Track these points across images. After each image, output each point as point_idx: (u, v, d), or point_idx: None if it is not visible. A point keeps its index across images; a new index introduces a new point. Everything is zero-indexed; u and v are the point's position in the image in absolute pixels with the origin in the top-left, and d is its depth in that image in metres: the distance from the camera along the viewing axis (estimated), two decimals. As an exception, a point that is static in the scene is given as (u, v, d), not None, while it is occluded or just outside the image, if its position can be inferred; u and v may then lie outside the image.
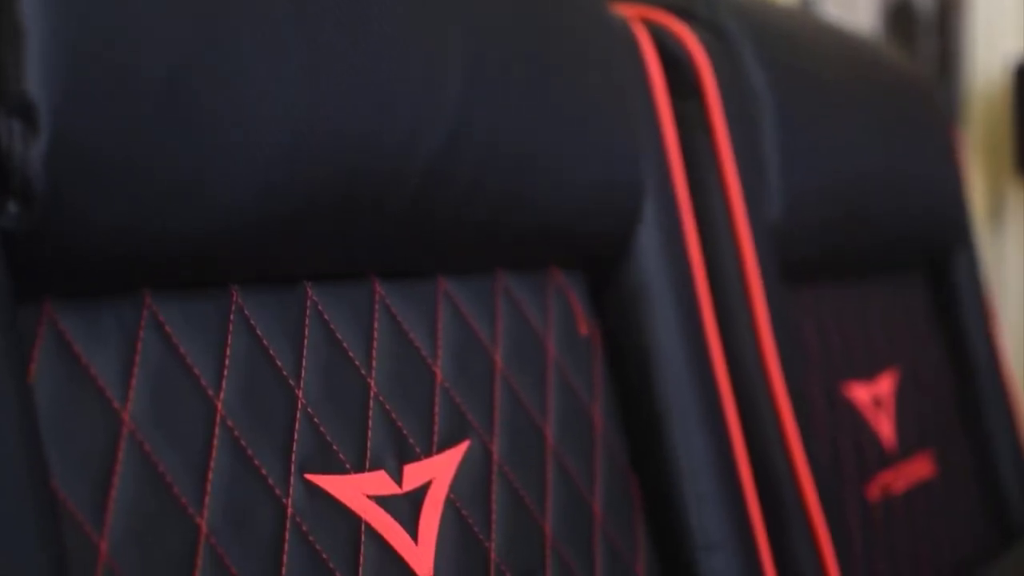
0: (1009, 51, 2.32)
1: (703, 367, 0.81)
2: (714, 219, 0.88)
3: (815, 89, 1.04)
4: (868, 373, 1.10)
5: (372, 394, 0.63)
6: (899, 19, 2.25)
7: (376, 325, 0.65)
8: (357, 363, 0.63)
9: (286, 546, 0.56)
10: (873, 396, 1.09)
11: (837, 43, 1.12)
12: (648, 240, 0.80)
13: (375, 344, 0.64)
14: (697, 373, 0.81)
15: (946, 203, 1.25)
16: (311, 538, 0.57)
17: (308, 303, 0.62)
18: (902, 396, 1.13)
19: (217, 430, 0.55)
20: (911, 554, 1.08)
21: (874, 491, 1.04)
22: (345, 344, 0.63)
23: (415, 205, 0.63)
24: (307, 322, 0.61)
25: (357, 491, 0.60)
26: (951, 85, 2.26)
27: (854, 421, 1.05)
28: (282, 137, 0.55)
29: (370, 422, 0.63)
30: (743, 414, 0.85)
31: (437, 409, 0.66)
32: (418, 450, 0.64)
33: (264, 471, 0.57)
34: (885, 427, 1.09)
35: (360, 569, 0.59)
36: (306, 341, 0.61)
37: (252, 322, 0.59)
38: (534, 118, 0.70)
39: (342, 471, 0.60)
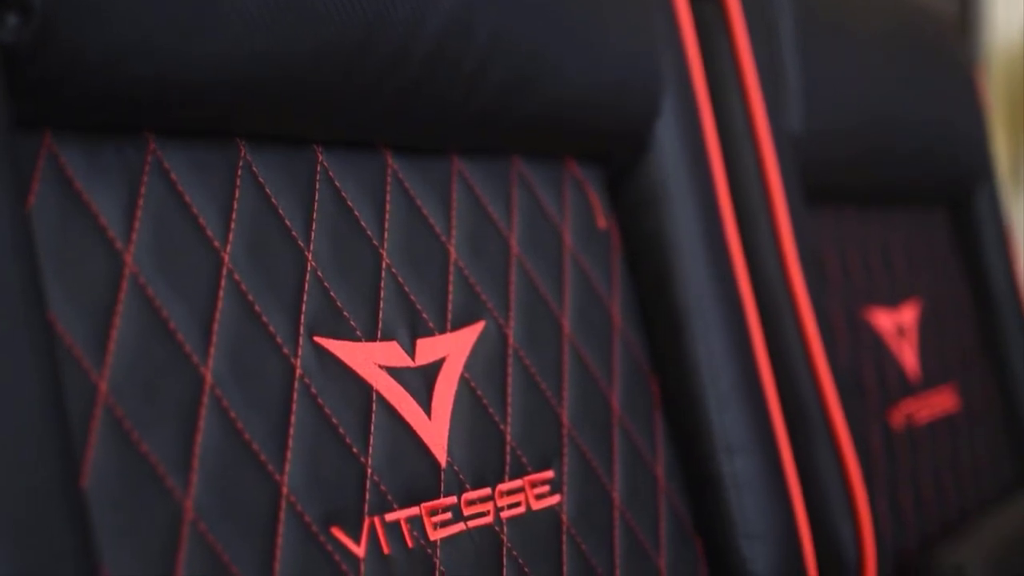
0: (1029, 12, 2.29)
1: (723, 266, 0.79)
2: (733, 122, 0.86)
3: (835, 7, 1.02)
4: (891, 301, 1.07)
5: (384, 265, 0.61)
6: (917, -21, 2.22)
7: (388, 197, 0.63)
8: (369, 233, 0.61)
9: (294, 406, 0.54)
10: (896, 324, 1.07)
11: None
12: (666, 136, 0.78)
13: (387, 216, 0.62)
14: (717, 272, 0.78)
15: (968, 137, 1.22)
16: (320, 400, 0.55)
17: (318, 167, 0.60)
18: (925, 327, 1.11)
19: (223, 282, 0.53)
20: (935, 487, 1.05)
21: (897, 418, 1.02)
22: (356, 212, 0.61)
23: (419, 84, 0.61)
24: (317, 185, 0.59)
25: (368, 359, 0.58)
26: (971, 45, 2.24)
27: (877, 346, 1.03)
28: None
29: (382, 292, 0.60)
30: (764, 319, 0.83)
31: (451, 287, 0.64)
32: (432, 325, 0.62)
33: (272, 328, 0.55)
34: (908, 356, 1.07)
35: (371, 437, 0.57)
36: (316, 204, 0.59)
37: (260, 179, 0.57)
38: (544, 8, 0.68)
39: (352, 338, 0.58)
